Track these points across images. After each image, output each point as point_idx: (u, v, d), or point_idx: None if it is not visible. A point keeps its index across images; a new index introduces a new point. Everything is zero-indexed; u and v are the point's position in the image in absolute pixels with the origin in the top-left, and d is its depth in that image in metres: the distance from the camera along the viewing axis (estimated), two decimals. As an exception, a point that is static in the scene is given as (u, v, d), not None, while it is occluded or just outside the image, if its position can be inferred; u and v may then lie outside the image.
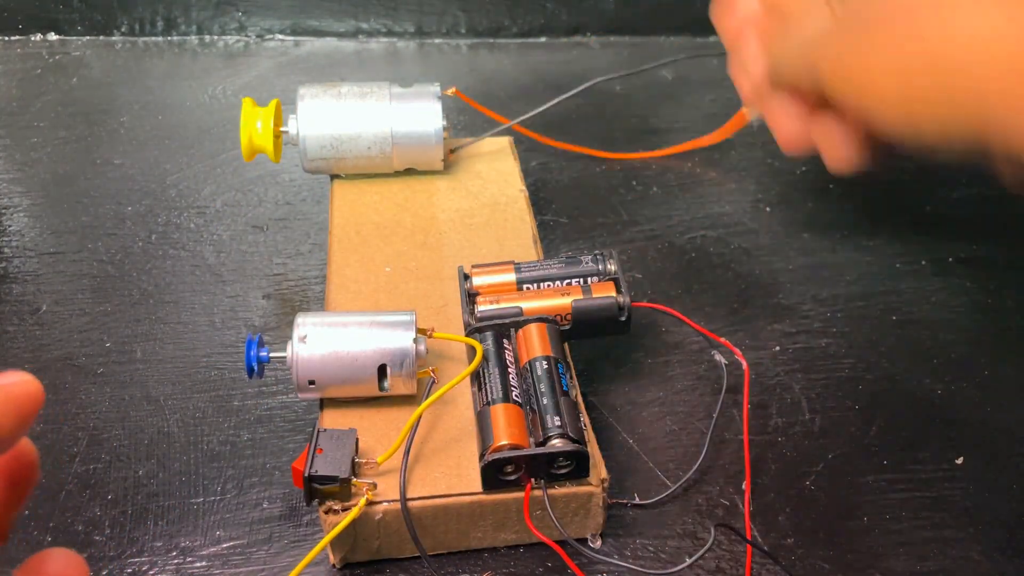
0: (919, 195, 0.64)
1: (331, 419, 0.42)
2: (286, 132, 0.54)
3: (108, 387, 0.48)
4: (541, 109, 0.61)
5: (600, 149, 0.66)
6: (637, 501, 0.42)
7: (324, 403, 0.42)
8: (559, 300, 0.44)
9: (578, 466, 0.38)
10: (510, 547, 0.41)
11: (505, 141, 0.60)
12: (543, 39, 0.82)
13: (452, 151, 0.58)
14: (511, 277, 0.46)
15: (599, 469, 0.39)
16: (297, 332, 0.41)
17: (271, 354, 0.42)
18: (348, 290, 0.49)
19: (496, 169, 0.58)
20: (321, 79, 0.72)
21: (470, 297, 0.45)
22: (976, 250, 0.58)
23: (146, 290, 0.54)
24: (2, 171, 0.65)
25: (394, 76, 0.71)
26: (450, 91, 0.57)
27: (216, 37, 0.81)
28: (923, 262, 0.57)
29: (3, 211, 0.61)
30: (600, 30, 0.82)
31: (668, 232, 0.60)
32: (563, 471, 0.38)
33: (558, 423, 0.38)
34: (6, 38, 0.80)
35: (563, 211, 0.61)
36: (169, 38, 0.81)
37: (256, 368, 0.42)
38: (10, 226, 0.59)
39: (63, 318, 0.52)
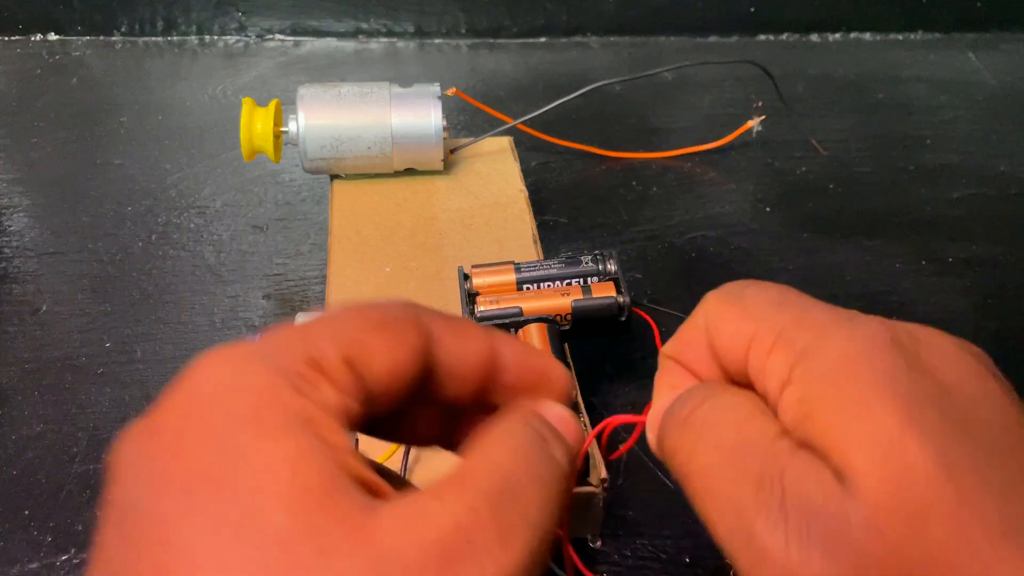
0: (919, 195, 0.64)
1: (331, 419, 0.41)
2: (286, 132, 0.54)
3: (108, 387, 0.48)
4: (544, 110, 0.61)
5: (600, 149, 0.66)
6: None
7: (324, 403, 0.42)
8: (559, 300, 0.44)
9: (578, 466, 0.38)
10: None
11: (505, 141, 0.60)
12: (543, 39, 0.82)
13: (452, 151, 0.58)
14: (511, 277, 0.46)
15: (599, 469, 0.39)
16: (297, 332, 0.41)
17: (271, 354, 0.41)
18: (348, 290, 0.49)
19: (496, 169, 0.58)
20: (321, 79, 0.72)
21: (470, 297, 0.45)
22: (976, 250, 0.58)
23: (146, 290, 0.54)
24: (2, 171, 0.65)
25: (394, 76, 0.71)
26: (450, 91, 0.57)
27: (216, 37, 0.81)
28: (923, 262, 0.57)
29: (3, 211, 0.61)
30: (600, 30, 0.83)
31: (668, 232, 0.59)
32: (563, 471, 0.38)
33: (558, 423, 0.38)
34: (6, 38, 0.80)
35: (563, 211, 0.61)
36: (169, 38, 0.81)
37: (256, 368, 0.41)
38: (10, 226, 0.59)
39: (63, 318, 0.52)
